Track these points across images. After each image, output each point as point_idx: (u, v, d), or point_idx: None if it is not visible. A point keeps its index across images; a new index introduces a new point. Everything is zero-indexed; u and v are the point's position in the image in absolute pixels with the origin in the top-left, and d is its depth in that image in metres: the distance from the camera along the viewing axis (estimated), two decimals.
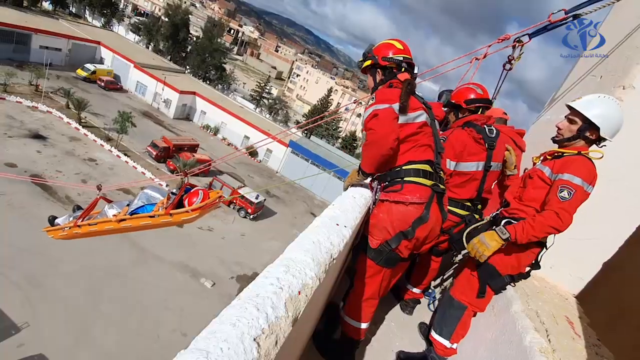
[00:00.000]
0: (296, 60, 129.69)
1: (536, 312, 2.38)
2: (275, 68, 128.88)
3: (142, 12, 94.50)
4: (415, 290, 3.02)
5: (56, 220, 6.03)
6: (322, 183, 38.33)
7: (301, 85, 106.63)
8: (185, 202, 5.31)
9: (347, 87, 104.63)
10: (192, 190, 5.56)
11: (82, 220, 5.61)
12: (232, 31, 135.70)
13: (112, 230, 5.55)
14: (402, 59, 2.16)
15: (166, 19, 55.73)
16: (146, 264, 18.17)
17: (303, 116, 55.42)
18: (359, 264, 2.11)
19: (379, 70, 2.22)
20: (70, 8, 54.27)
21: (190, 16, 56.99)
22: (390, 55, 2.17)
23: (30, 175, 20.53)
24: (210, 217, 24.88)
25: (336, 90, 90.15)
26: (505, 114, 3.32)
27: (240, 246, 23.39)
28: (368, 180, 2.30)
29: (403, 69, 2.18)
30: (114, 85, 39.23)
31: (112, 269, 16.85)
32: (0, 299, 13.18)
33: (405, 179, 2.00)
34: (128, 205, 5.47)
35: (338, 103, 61.82)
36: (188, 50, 56.28)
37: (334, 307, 2.45)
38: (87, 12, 56.73)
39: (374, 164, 2.02)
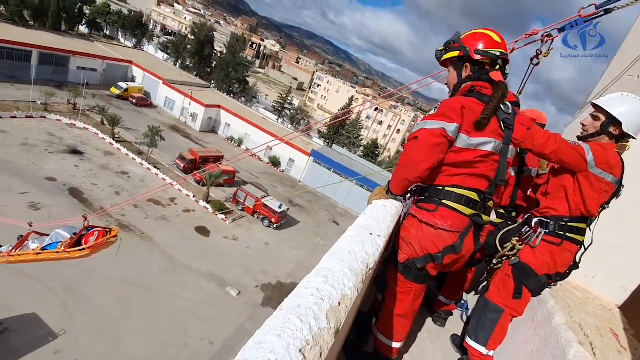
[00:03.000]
0: (317, 71, 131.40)
1: (579, 324, 2.26)
2: (296, 79, 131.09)
3: (170, 31, 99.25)
4: (448, 301, 2.92)
5: (0, 249, 8.00)
6: (344, 191, 38.19)
7: (322, 95, 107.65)
8: (84, 241, 7.25)
9: (367, 95, 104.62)
10: (91, 231, 7.56)
11: (14, 251, 7.68)
12: (254, 45, 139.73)
13: (32, 260, 7.65)
14: (499, 54, 1.82)
15: (192, 37, 58.29)
16: (175, 274, 18.67)
17: (324, 125, 55.83)
18: (390, 278, 2.05)
19: (467, 64, 1.88)
20: (105, 31, 57.91)
21: (214, 33, 59.28)
22: (486, 49, 1.81)
23: (68, 189, 21.79)
24: (235, 227, 25.36)
25: (357, 98, 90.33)
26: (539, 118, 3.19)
27: (264, 255, 23.60)
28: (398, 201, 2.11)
29: (497, 67, 1.86)
30: (144, 101, 41.22)
31: (142, 278, 17.42)
32: (40, 306, 13.92)
33: (443, 201, 1.82)
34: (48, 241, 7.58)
35: (359, 112, 61.86)
36: (213, 65, 58.42)
37: (362, 315, 2.41)
38: (119, 33, 60.31)
39: (400, 187, 1.90)
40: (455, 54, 1.87)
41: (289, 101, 58.40)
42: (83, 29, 53.15)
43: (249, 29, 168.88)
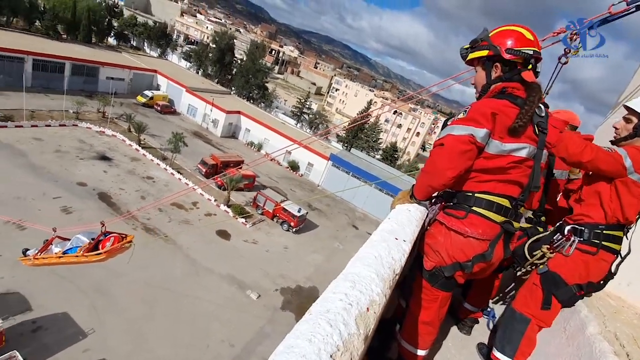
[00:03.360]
0: (334, 75, 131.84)
1: (614, 334, 2.16)
2: (314, 84, 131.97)
3: (193, 40, 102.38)
4: (474, 308, 2.84)
5: (27, 252, 8.78)
6: (363, 195, 37.95)
7: (340, 99, 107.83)
8: (101, 246, 7.87)
9: (386, 99, 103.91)
10: (107, 237, 8.15)
11: (39, 254, 8.46)
12: (273, 52, 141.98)
13: (54, 262, 8.46)
14: (531, 52, 1.69)
15: (214, 45, 59.89)
16: (197, 276, 19.07)
17: (343, 129, 55.84)
18: (415, 284, 2.00)
19: (497, 64, 1.76)
20: (132, 42, 60.40)
21: (235, 41, 60.68)
22: (518, 47, 1.68)
23: (97, 193, 22.74)
24: (255, 231, 25.68)
25: (375, 102, 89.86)
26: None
27: (283, 259, 23.74)
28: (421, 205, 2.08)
29: (530, 67, 1.73)
30: (168, 109, 42.62)
31: (166, 281, 17.90)
32: (71, 306, 14.54)
33: (473, 208, 1.75)
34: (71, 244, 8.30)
35: (378, 115, 61.50)
36: (233, 72, 59.76)
37: (385, 321, 2.38)
38: (145, 44, 62.76)
39: (424, 193, 1.85)
40: (484, 53, 1.76)
41: (307, 106, 58.85)
42: (111, 40, 55.65)
43: (268, 36, 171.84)
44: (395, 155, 53.61)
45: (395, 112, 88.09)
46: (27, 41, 35.87)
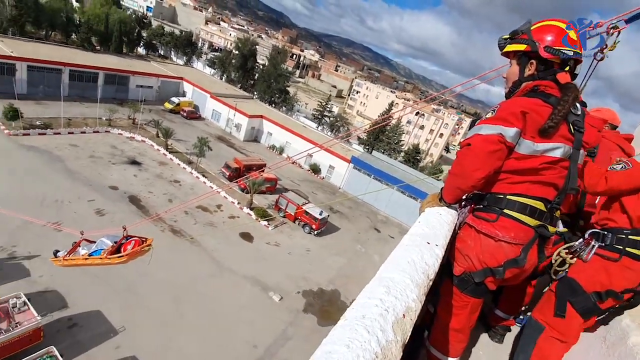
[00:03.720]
0: (355, 78, 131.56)
1: None
2: (335, 87, 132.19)
3: (217, 48, 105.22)
4: (505, 315, 2.74)
5: (58, 253, 9.70)
6: (385, 198, 37.51)
7: (361, 102, 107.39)
8: (122, 249, 8.80)
9: (408, 100, 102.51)
10: (129, 240, 9.02)
11: (68, 256, 9.41)
12: (294, 56, 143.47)
13: (81, 264, 9.26)
14: (572, 54, 1.60)
15: (236, 52, 61.33)
16: (222, 277, 19.48)
17: (364, 132, 55.51)
18: (443, 289, 1.95)
19: (533, 61, 1.68)
20: (159, 51, 62.86)
21: (257, 47, 61.87)
22: (558, 47, 1.59)
23: (128, 196, 23.73)
24: (277, 233, 25.95)
25: (397, 103, 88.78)
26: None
27: (305, 261, 23.83)
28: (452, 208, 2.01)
29: (567, 67, 1.65)
30: (194, 114, 43.98)
31: (192, 281, 18.40)
32: (103, 304, 15.21)
33: (505, 210, 1.67)
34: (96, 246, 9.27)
35: (399, 117, 60.73)
36: (255, 77, 60.92)
37: (413, 327, 2.33)
38: (172, 52, 65.13)
39: (453, 196, 1.80)
40: (521, 47, 1.67)
41: (328, 109, 59.01)
42: (141, 50, 58.14)
43: (289, 41, 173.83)
44: (418, 157, 52.71)
45: (417, 113, 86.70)
46: (64, 53, 38.09)
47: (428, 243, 1.36)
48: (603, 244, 1.99)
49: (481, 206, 1.79)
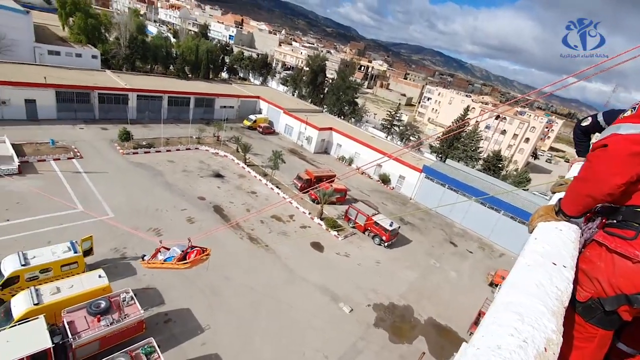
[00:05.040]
0: (426, 84, 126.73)
1: None
2: (404, 95, 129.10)
3: (289, 66, 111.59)
4: (632, 351, 2.26)
5: (145, 257, 12.81)
6: (462, 209, 35.00)
7: (433, 108, 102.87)
8: (187, 257, 11.81)
9: (486, 103, 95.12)
10: (192, 249, 12.00)
11: (150, 260, 12.49)
12: (362, 68, 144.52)
13: (158, 267, 12.20)
14: None
15: (307, 68, 64.27)
16: (294, 284, 20.22)
17: (436, 139, 52.87)
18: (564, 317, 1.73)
19: None
20: (239, 73, 69.13)
21: (326, 62, 64.04)
22: None
23: (213, 206, 26.28)
24: (347, 243, 26.03)
25: (473, 108, 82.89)
26: None
27: (375, 273, 23.40)
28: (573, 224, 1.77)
29: None
30: (269, 130, 47.16)
31: (268, 286, 19.46)
32: (193, 303, 16.94)
33: None
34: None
35: (477, 122, 56.46)
36: (325, 91, 62.91)
37: None
38: (250, 74, 71.07)
39: (580, 206, 1.58)
40: None
41: (397, 118, 57.81)
42: (224, 74, 64.66)
43: (357, 54, 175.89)
44: (499, 165, 48.14)
45: (497, 117, 79.64)
46: (164, 82, 44.39)
47: (554, 264, 1.23)
48: None
49: (615, 221, 1.58)
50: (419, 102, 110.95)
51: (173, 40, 59.78)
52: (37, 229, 18.84)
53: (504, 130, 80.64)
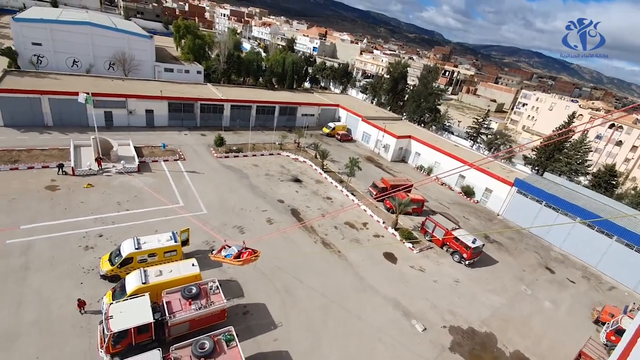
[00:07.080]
0: (521, 88, 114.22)
1: None
2: (494, 101, 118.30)
3: (369, 75, 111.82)
4: None
5: (213, 251, 17.69)
6: (563, 231, 30.44)
7: (529, 115, 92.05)
8: (241, 256, 16.28)
9: (597, 109, 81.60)
10: (246, 250, 16.58)
11: (216, 254, 16.90)
12: (447, 73, 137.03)
13: (221, 261, 16.72)
14: None
15: (387, 76, 63.50)
16: (364, 293, 19.96)
17: (532, 150, 46.93)
18: None
19: None
20: (321, 83, 71.73)
21: (408, 68, 62.40)
22: None
23: (290, 209, 27.60)
24: (422, 257, 24.72)
25: (580, 115, 71.90)
26: None
27: (453, 293, 21.70)
28: None
29: None
30: (346, 137, 47.84)
31: (338, 292, 19.57)
32: (268, 299, 17.94)
33: None
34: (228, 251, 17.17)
35: (584, 130, 48.43)
36: (405, 98, 61.25)
37: None
38: (331, 83, 73.19)
39: None
40: None
41: (485, 125, 53.10)
42: (307, 84, 67.85)
43: (441, 58, 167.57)
44: (613, 182, 40.53)
45: (612, 125, 67.54)
46: (254, 93, 48.54)
47: None
48: None
49: None
50: (512, 108, 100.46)
51: (263, 54, 65.07)
52: (148, 219, 22.19)
53: (620, 141, 67.99)
